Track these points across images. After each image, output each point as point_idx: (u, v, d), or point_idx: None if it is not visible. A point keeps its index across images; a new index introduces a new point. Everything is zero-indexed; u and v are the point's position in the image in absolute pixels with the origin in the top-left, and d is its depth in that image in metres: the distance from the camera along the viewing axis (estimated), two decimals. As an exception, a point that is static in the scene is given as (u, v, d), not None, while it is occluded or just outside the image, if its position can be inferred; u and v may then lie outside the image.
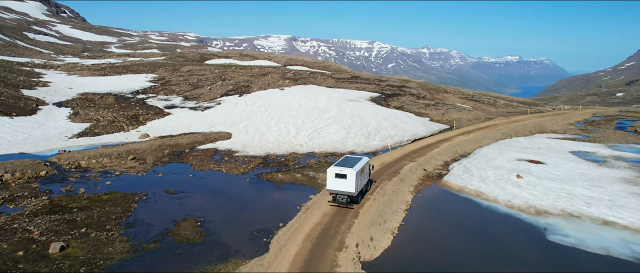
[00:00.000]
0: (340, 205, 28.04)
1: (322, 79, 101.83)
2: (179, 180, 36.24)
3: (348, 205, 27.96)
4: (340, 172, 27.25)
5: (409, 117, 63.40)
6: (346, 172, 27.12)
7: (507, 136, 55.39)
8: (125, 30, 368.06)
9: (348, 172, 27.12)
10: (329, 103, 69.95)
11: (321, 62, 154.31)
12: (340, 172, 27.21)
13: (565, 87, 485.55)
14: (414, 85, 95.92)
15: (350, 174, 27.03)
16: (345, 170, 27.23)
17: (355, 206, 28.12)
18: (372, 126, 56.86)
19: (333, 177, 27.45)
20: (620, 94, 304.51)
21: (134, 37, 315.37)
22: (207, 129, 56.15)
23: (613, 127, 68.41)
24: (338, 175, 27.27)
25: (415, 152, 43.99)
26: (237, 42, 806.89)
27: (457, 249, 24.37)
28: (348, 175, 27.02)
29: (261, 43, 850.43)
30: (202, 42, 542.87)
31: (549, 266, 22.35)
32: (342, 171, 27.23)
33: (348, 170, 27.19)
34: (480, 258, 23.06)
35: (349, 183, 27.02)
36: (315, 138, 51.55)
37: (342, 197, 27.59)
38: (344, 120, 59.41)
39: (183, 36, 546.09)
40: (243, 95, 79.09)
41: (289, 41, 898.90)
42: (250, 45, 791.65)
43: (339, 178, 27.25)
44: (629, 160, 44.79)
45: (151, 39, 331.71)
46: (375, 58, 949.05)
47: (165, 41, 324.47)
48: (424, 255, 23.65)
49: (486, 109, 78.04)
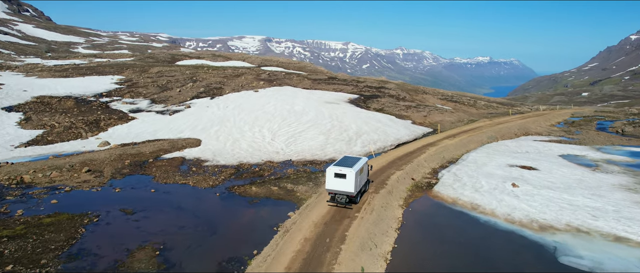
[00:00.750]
0: (338, 205, 27.58)
1: (298, 80, 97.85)
2: (138, 196, 31.63)
3: (346, 205, 27.52)
4: (339, 171, 26.89)
5: (391, 120, 60.15)
6: (345, 171, 26.75)
7: (493, 139, 52.79)
8: (93, 31, 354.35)
9: (347, 171, 26.73)
10: (306, 105, 66.08)
11: (297, 62, 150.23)
12: (340, 172, 26.85)
13: (534, 87, 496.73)
14: (392, 86, 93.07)
15: (350, 174, 26.62)
16: (344, 170, 26.84)
17: (341, 227, 24.35)
18: (353, 130, 53.29)
19: (332, 177, 27.08)
20: (586, 93, 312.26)
21: (103, 38, 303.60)
22: (175, 135, 51.35)
23: (594, 128, 67.09)
24: (337, 175, 26.91)
25: (400, 159, 40.59)
26: (211, 43, 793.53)
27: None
28: (347, 175, 26.64)
29: (235, 44, 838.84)
30: (175, 43, 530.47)
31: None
32: (342, 171, 26.83)
33: (347, 170, 26.81)
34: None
35: (348, 183, 26.69)
36: (293, 144, 47.55)
37: (341, 197, 27.21)
38: (323, 124, 55.65)
39: (155, 37, 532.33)
40: (215, 98, 74.32)
41: (264, 42, 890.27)
42: (224, 46, 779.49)
43: (338, 178, 26.91)
44: (621, 164, 42.68)
45: (121, 39, 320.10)
46: (350, 59, 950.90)
47: (136, 42, 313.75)
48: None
49: (467, 110, 75.71)
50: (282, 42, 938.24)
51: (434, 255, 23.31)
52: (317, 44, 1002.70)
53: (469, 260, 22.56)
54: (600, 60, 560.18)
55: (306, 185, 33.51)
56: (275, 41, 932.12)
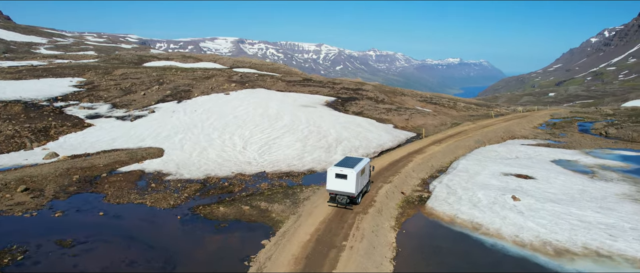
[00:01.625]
0: (338, 205, 27.15)
1: (271, 82, 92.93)
2: (83, 222, 26.29)
3: (347, 206, 27.13)
4: (340, 172, 26.48)
5: (371, 125, 56.15)
6: (347, 172, 26.36)
7: (480, 144, 49.51)
8: (58, 31, 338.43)
9: (348, 172, 26.34)
10: (281, 109, 61.37)
11: (270, 63, 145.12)
12: (341, 172, 26.44)
13: (503, 87, 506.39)
14: (370, 88, 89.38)
15: (351, 175, 26.22)
16: (345, 171, 26.42)
17: (327, 262, 19.84)
18: (332, 136, 48.97)
19: (333, 177, 26.66)
20: (552, 93, 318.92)
21: (67, 38, 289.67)
22: (135, 144, 45.70)
23: (576, 129, 65.15)
24: (338, 176, 26.52)
25: (387, 170, 36.47)
26: (183, 44, 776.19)
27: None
28: (348, 176, 26.24)
29: (207, 45, 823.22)
30: (144, 44, 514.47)
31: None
32: (343, 171, 26.42)
33: (349, 171, 26.40)
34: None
35: (349, 183, 26.27)
36: (267, 153, 42.79)
37: (341, 198, 26.80)
38: (299, 129, 51.11)
39: (124, 38, 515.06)
40: (182, 102, 68.63)
41: (236, 43, 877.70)
42: (196, 47, 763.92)
43: (339, 178, 26.51)
44: (617, 170, 39.96)
45: (87, 40, 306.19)
46: (323, 60, 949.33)
47: (103, 43, 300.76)
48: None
49: (448, 113, 72.68)
50: (255, 43, 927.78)
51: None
52: (290, 46, 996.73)
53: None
54: (564, 61, 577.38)
55: (282, 203, 28.89)
56: (248, 42, 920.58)
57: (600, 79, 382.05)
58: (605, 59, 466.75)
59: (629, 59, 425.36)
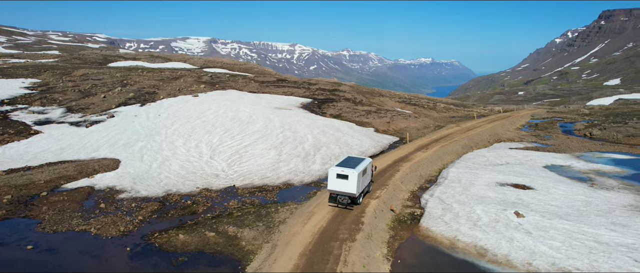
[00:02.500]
0: (339, 205, 26.77)
1: (244, 82, 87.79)
2: (2, 260, 21.06)
3: (347, 207, 26.76)
4: (342, 172, 26.12)
5: (351, 128, 52.09)
6: (348, 172, 25.99)
7: (468, 149, 46.20)
8: (19, 29, 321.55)
9: (350, 172, 25.97)
10: (254, 112, 56.60)
11: (243, 63, 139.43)
12: (342, 173, 26.09)
13: (474, 86, 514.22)
14: (347, 89, 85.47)
15: (352, 175, 25.86)
16: (347, 171, 26.05)
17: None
18: (309, 142, 44.61)
19: (334, 178, 26.33)
20: (521, 92, 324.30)
21: (29, 37, 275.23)
22: (87, 154, 40.06)
23: (559, 130, 63.02)
24: (340, 176, 26.18)
25: (372, 181, 32.42)
26: (153, 44, 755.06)
27: None
28: (350, 176, 25.89)
29: (179, 45, 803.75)
30: (113, 44, 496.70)
31: None
32: (344, 172, 26.07)
33: (350, 171, 26.03)
34: None
35: (350, 184, 25.89)
36: (237, 163, 38.01)
37: (343, 198, 26.42)
38: (274, 135, 46.54)
39: (92, 37, 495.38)
40: (146, 105, 62.82)
41: (209, 43, 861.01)
42: (168, 47, 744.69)
43: (340, 178, 26.16)
44: (614, 176, 37.24)
45: (51, 39, 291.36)
46: (297, 60, 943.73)
47: (68, 42, 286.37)
48: None
49: (429, 114, 69.50)
50: (228, 43, 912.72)
51: None
52: (264, 46, 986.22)
53: None
54: (531, 61, 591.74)
55: (254, 227, 24.35)
56: (220, 42, 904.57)
57: (565, 78, 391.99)
58: (569, 59, 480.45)
59: (590, 59, 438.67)
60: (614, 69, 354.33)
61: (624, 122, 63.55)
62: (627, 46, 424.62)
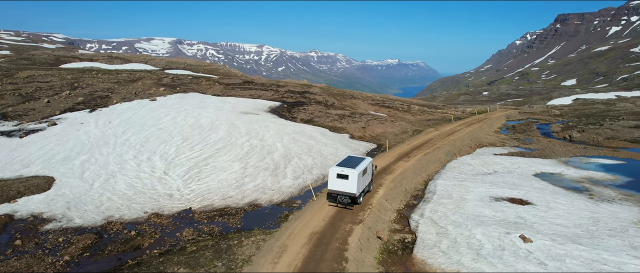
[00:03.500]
0: (338, 205, 26.52)
1: (207, 85, 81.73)
2: None
3: (347, 206, 26.48)
4: (342, 172, 25.84)
5: (325, 135, 47.45)
6: (348, 172, 25.68)
7: (451, 156, 42.51)
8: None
9: (350, 172, 25.66)
10: (217, 118, 51.11)
11: (207, 64, 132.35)
12: (342, 173, 25.80)
13: (440, 87, 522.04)
14: (317, 91, 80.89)
15: (353, 175, 25.55)
16: (347, 171, 25.77)
17: None
18: (279, 152, 39.63)
19: (335, 177, 26.06)
20: (486, 92, 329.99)
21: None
22: (15, 172, 33.55)
23: (537, 133, 60.74)
24: (340, 176, 25.88)
25: (352, 199, 27.90)
26: (116, 45, 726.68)
27: None
28: (350, 176, 25.60)
29: (143, 46, 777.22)
30: (72, 44, 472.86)
31: None
32: (344, 172, 25.80)
33: (350, 171, 25.71)
34: None
35: (350, 184, 25.61)
36: (195, 179, 32.58)
37: (343, 198, 26.06)
38: (239, 144, 41.28)
39: (48, 37, 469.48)
40: (96, 110, 56.07)
41: (174, 44, 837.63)
42: (131, 48, 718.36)
43: (340, 178, 25.89)
44: (609, 185, 34.32)
45: (2, 38, 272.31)
46: (265, 61, 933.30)
47: (21, 42, 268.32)
48: None
49: (404, 117, 65.86)
50: (194, 44, 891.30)
51: None
52: (231, 47, 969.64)
53: None
54: (494, 62, 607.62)
55: (212, 267, 19.24)
56: (186, 43, 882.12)
57: (526, 78, 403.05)
58: (529, 60, 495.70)
59: (548, 60, 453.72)
60: (570, 70, 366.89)
61: (599, 124, 62.02)
62: (581, 48, 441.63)
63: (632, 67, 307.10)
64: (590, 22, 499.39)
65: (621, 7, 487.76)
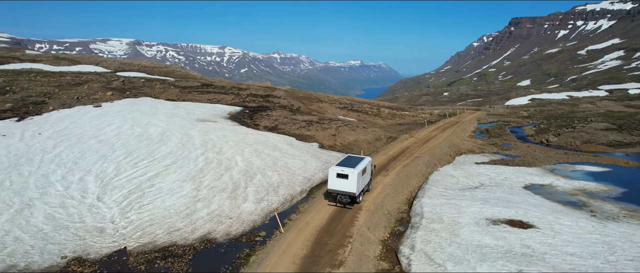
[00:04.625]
0: (337, 204, 26.56)
1: (161, 88, 74.49)
2: None
3: (346, 205, 26.43)
4: (341, 172, 25.74)
5: (291, 145, 42.15)
6: (348, 172, 25.57)
7: (432, 166, 38.34)
8: None
9: (350, 172, 25.55)
10: (169, 127, 44.80)
11: (164, 66, 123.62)
12: (342, 172, 25.70)
13: (401, 88, 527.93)
14: (281, 94, 75.45)
15: (352, 175, 25.45)
16: (347, 170, 25.64)
17: None
18: (239, 168, 34.01)
19: (335, 177, 25.96)
20: (446, 93, 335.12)
21: None
22: None
23: (513, 137, 58.12)
24: (340, 175, 25.77)
25: (326, 230, 22.82)
26: (69, 46, 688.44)
27: None
28: (350, 176, 25.49)
29: (99, 47, 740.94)
30: (19, 44, 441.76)
31: None
32: (344, 171, 25.67)
33: (350, 171, 25.59)
34: None
35: (350, 183, 25.54)
36: (136, 206, 26.47)
37: (343, 197, 26.12)
38: (192, 158, 35.34)
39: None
40: (26, 119, 48.18)
41: (133, 45, 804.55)
42: (86, 49, 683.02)
43: (340, 178, 25.77)
44: (606, 198, 31.11)
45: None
46: (227, 63, 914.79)
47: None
48: None
49: (375, 122, 61.62)
50: (154, 45, 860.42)
51: None
52: (192, 48, 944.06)
53: None
54: (453, 63, 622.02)
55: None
56: (145, 44, 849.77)
57: (484, 79, 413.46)
58: (487, 62, 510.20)
59: (504, 61, 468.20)
60: (525, 71, 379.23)
61: (571, 126, 60.17)
62: (534, 50, 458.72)
63: (580, 69, 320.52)
64: (541, 26, 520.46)
65: (568, 12, 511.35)
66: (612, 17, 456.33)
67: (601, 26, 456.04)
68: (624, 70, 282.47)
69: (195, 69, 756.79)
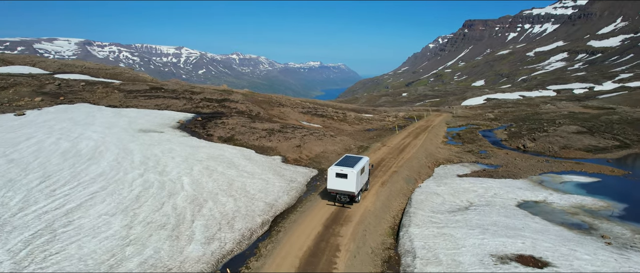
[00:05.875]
0: (336, 204, 26.61)
1: (103, 92, 65.87)
2: None
3: (344, 205, 26.52)
4: (341, 171, 25.70)
5: (250, 160, 35.96)
6: (347, 171, 25.58)
7: (412, 183, 33.45)
8: None
9: (349, 171, 25.55)
10: (105, 140, 37.45)
11: (111, 68, 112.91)
12: (341, 172, 25.67)
13: (361, 88, 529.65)
14: (239, 98, 68.79)
15: (351, 174, 25.49)
16: (346, 170, 25.64)
17: None
18: (186, 193, 27.54)
19: (334, 177, 25.91)
20: (405, 93, 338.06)
21: None
22: None
23: (487, 142, 54.76)
24: (339, 175, 25.75)
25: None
26: (10, 45, 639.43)
27: None
28: (349, 175, 25.53)
29: (45, 47, 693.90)
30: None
31: None
32: (343, 171, 25.65)
33: (349, 170, 25.60)
34: None
35: (349, 182, 25.60)
36: (38, 259, 19.48)
37: (342, 197, 26.21)
38: (128, 181, 28.49)
39: None
40: None
41: (83, 45, 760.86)
42: (29, 48, 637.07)
43: (340, 178, 25.76)
44: (607, 216, 27.39)
45: None
46: (184, 64, 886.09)
47: None
48: None
49: (342, 128, 56.44)
50: (106, 45, 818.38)
51: None
52: (147, 49, 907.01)
53: None
54: (410, 64, 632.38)
55: None
56: (97, 44, 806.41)
57: (440, 79, 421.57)
58: (442, 63, 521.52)
59: (459, 62, 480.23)
60: (479, 72, 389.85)
61: (543, 130, 57.70)
62: (487, 52, 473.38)
63: (529, 69, 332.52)
64: (493, 28, 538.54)
65: (516, 16, 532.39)
66: (556, 21, 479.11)
67: (546, 29, 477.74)
68: (568, 71, 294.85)
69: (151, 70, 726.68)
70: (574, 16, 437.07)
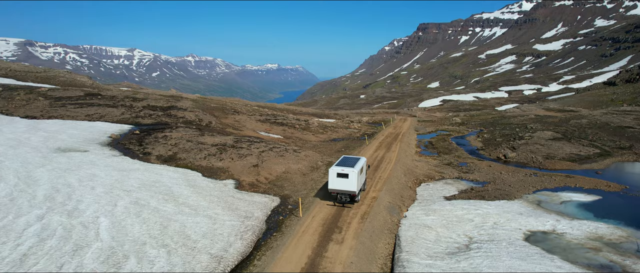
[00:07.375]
0: (337, 204, 26.64)
1: (24, 100, 55.43)
2: None
3: (345, 204, 26.64)
4: (342, 171, 25.83)
5: (194, 187, 28.44)
6: (348, 171, 25.76)
7: (396, 213, 27.28)
8: None
9: (350, 171, 25.74)
10: (3, 165, 28.65)
11: (43, 70, 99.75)
12: (342, 172, 25.81)
13: (319, 91, 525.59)
14: (188, 105, 60.42)
15: (352, 174, 25.67)
16: (347, 170, 25.81)
17: None
18: (100, 245, 19.80)
19: (335, 177, 25.98)
20: (363, 95, 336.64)
21: None
22: None
23: (463, 151, 50.03)
24: (340, 175, 25.88)
25: None
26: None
27: None
28: (350, 175, 25.71)
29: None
30: None
31: None
32: (344, 171, 25.81)
33: (349, 170, 25.79)
34: None
35: (350, 182, 25.77)
36: None
37: (343, 197, 26.26)
38: (18, 227, 20.32)
39: None
40: None
41: (23, 46, 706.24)
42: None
43: (340, 178, 25.89)
44: (632, 250, 22.51)
45: None
46: (137, 66, 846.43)
47: None
48: None
49: (305, 138, 49.73)
50: (50, 46, 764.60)
51: None
52: (97, 50, 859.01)
53: None
54: (367, 66, 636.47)
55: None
56: (40, 45, 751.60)
57: (397, 81, 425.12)
58: (398, 65, 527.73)
59: (415, 65, 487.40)
60: (433, 74, 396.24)
61: (518, 137, 53.83)
62: (440, 54, 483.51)
63: (482, 71, 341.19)
64: (446, 31, 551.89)
65: (468, 20, 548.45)
66: (504, 25, 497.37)
67: (495, 33, 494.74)
68: (517, 73, 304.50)
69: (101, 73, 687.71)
70: (520, 21, 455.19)
